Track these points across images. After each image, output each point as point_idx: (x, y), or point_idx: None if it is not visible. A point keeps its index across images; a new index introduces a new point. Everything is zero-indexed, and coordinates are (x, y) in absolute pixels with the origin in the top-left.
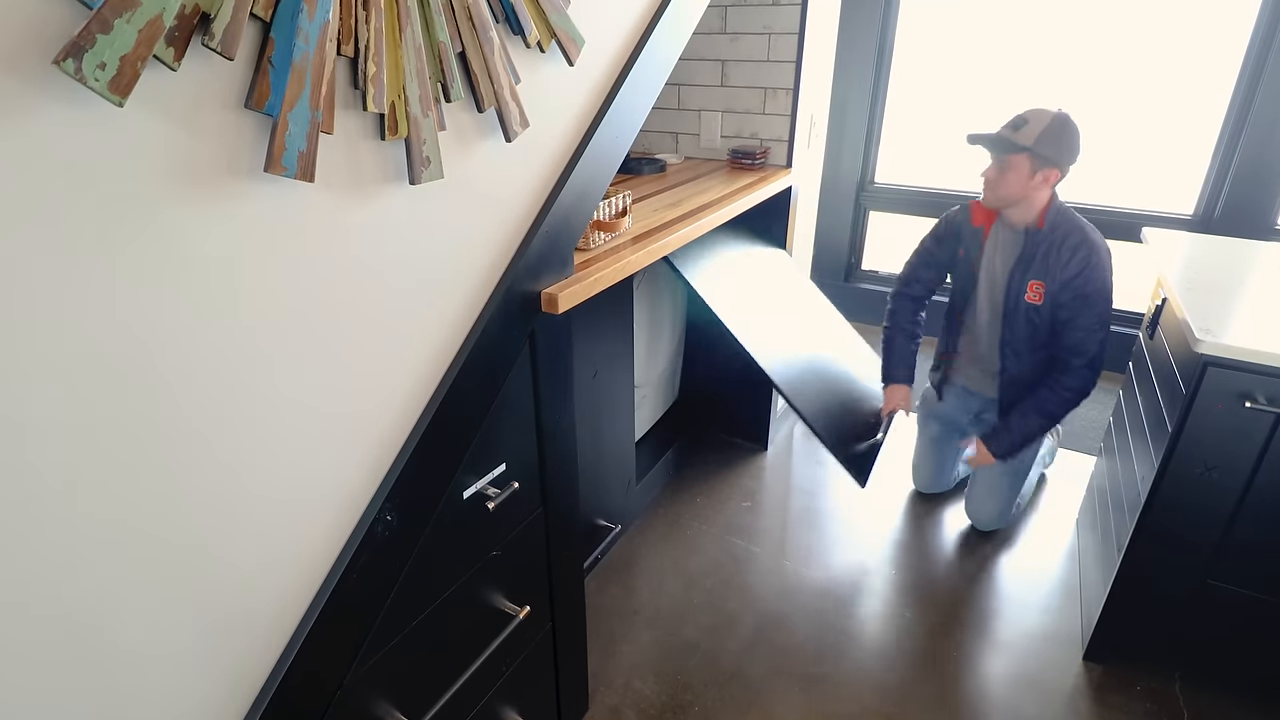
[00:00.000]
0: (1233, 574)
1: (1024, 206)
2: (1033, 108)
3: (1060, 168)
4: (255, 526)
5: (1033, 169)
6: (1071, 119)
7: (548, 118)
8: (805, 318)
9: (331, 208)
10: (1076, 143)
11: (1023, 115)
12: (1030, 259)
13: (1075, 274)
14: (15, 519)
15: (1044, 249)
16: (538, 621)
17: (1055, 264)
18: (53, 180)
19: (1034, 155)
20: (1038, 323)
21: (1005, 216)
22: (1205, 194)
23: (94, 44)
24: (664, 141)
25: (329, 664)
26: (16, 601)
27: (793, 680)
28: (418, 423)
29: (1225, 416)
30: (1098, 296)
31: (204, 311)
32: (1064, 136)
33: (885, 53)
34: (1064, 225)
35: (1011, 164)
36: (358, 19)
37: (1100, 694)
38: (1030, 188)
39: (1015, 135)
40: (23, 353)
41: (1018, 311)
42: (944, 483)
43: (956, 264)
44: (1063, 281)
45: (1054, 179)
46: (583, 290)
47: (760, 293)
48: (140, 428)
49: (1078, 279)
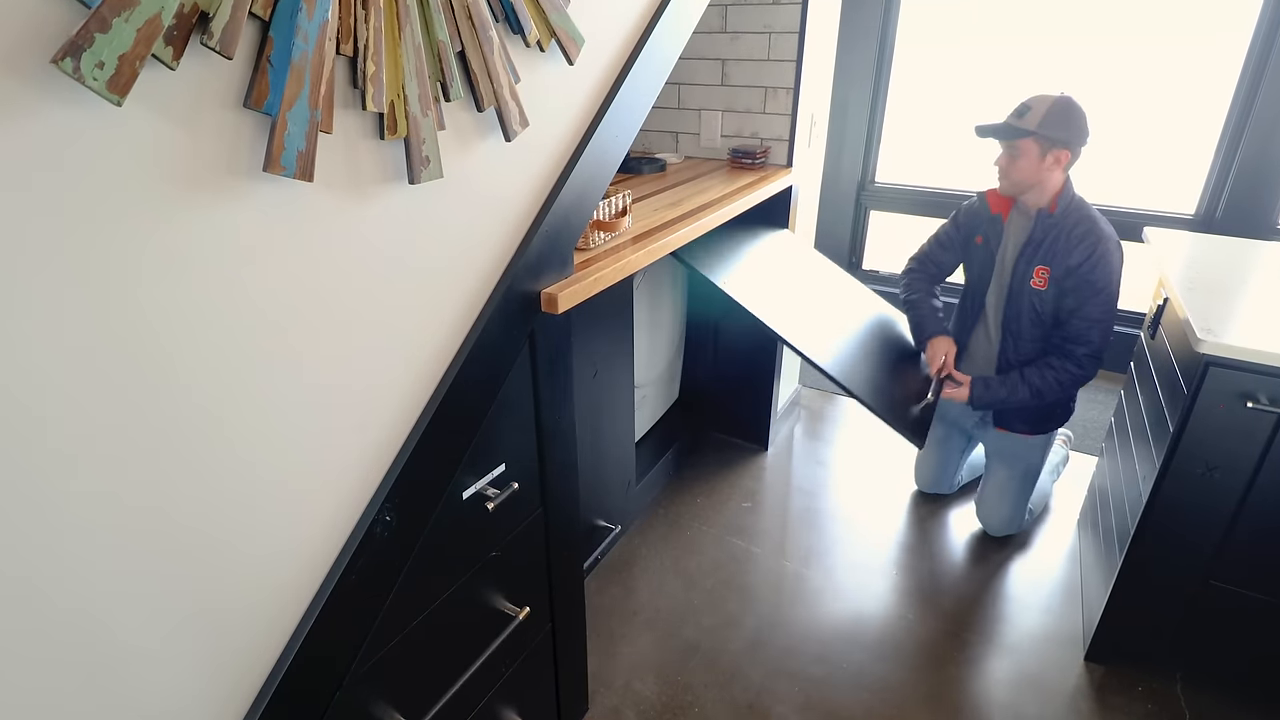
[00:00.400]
0: (1234, 574)
1: (1038, 191)
2: (1035, 95)
3: (1070, 148)
4: (254, 525)
5: (1042, 152)
6: (1075, 100)
7: (547, 117)
8: (828, 293)
9: (331, 207)
10: (1083, 123)
11: (1026, 102)
12: (1039, 242)
13: (1080, 261)
14: (13, 515)
15: (1053, 234)
16: (537, 622)
17: (1062, 250)
18: (50, 180)
19: (1040, 138)
20: (1040, 310)
21: (1020, 202)
22: (1207, 193)
23: (92, 43)
24: (664, 141)
25: (328, 664)
26: (14, 597)
27: (794, 681)
28: (417, 422)
29: (1227, 416)
30: (1103, 287)
31: (203, 311)
32: (1069, 117)
33: (886, 52)
34: (1076, 213)
35: (1021, 149)
36: (357, 18)
37: (1101, 695)
38: (1043, 171)
39: (1020, 121)
40: (21, 349)
41: (1022, 295)
42: (947, 484)
43: (973, 252)
44: (1068, 268)
45: (1064, 160)
46: (583, 290)
47: (779, 278)
48: (139, 426)
49: (1083, 266)
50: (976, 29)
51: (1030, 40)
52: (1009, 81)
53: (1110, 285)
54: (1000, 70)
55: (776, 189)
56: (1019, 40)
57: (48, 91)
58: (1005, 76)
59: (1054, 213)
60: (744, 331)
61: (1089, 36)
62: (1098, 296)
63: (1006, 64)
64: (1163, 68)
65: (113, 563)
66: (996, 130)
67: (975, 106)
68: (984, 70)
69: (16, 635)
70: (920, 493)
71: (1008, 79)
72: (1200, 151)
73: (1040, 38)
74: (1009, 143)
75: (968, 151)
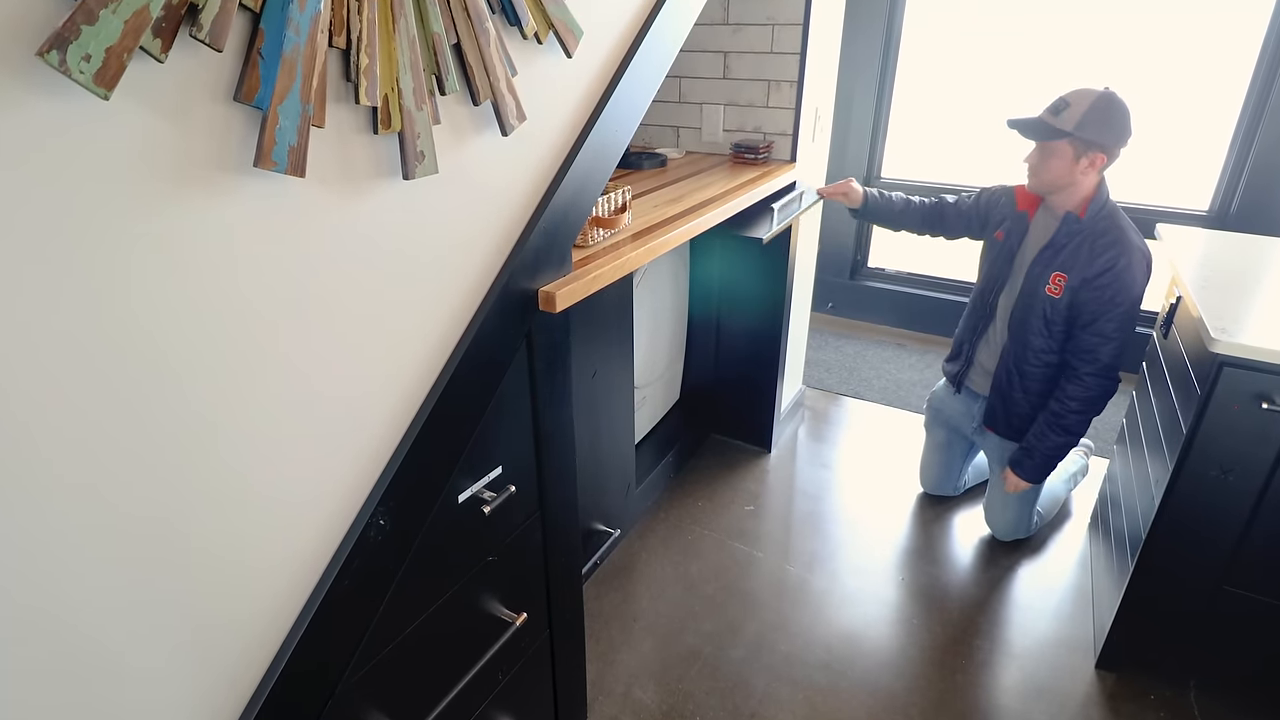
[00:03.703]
0: (1249, 580)
1: (1068, 193)
2: (1076, 88)
3: (1107, 151)
4: (243, 528)
5: (1077, 154)
6: (1118, 97)
7: (545, 111)
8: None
9: (323, 204)
10: (1125, 123)
11: (1064, 98)
12: (1061, 247)
13: (1100, 272)
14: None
15: (1077, 240)
16: (535, 628)
17: (1084, 259)
18: (37, 175)
19: (1077, 140)
20: (1050, 318)
21: (1048, 202)
22: (1221, 189)
23: (79, 35)
24: (664, 135)
25: (320, 672)
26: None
27: (797, 689)
28: (411, 424)
29: (1241, 418)
30: (1121, 302)
31: (192, 310)
32: (1110, 117)
33: (892, 43)
34: (1105, 221)
35: (1054, 150)
36: (350, 10)
37: (1113, 703)
38: (1076, 173)
39: (1056, 120)
40: (7, 350)
41: (1034, 300)
42: (951, 486)
43: (991, 246)
44: (1085, 278)
45: (1100, 163)
46: (581, 288)
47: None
48: (127, 427)
49: (1102, 278)
50: (986, 17)
51: (1042, 30)
52: (1020, 73)
53: (1129, 301)
54: (1011, 61)
55: (780, 185)
56: (1030, 29)
57: (33, 85)
58: (1016, 68)
59: (1083, 218)
60: (747, 330)
61: (1102, 26)
62: (1113, 311)
63: (1017, 55)
64: (1177, 60)
65: (92, 572)
66: (1030, 126)
67: (983, 97)
68: (993, 60)
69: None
70: (927, 495)
71: (1019, 70)
72: (1214, 146)
73: (1052, 27)
74: (1042, 142)
75: (977, 144)
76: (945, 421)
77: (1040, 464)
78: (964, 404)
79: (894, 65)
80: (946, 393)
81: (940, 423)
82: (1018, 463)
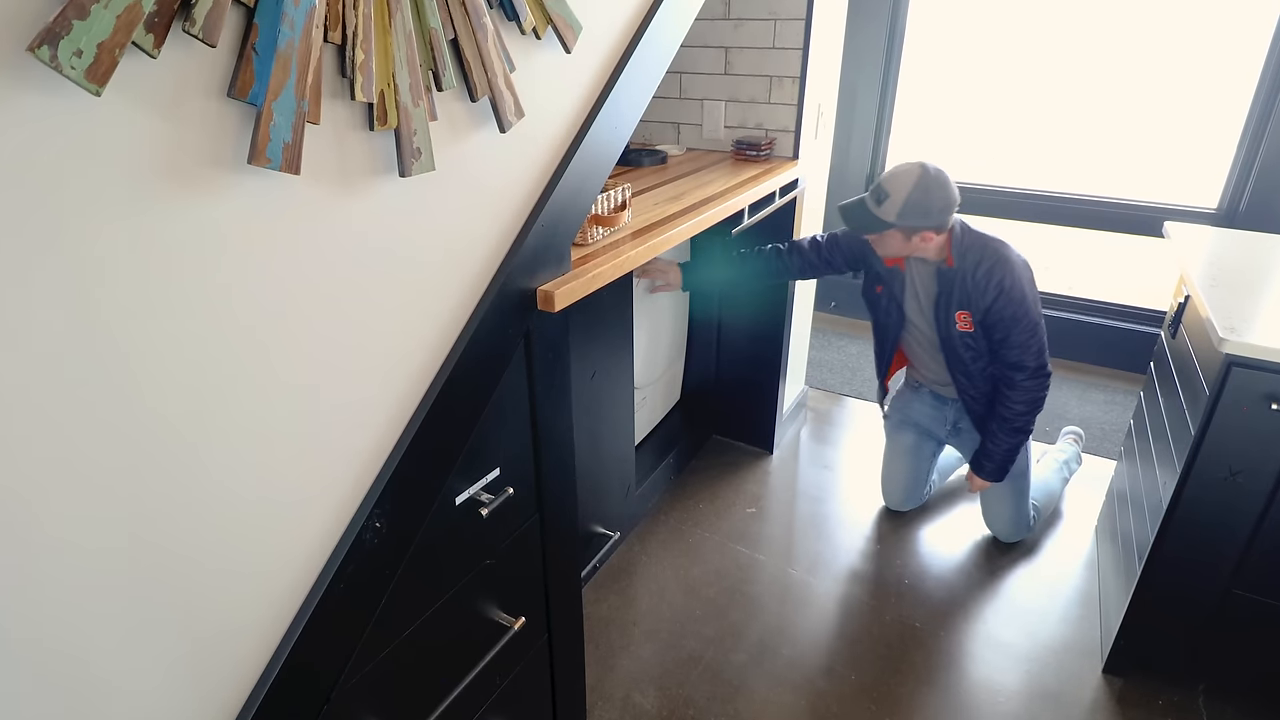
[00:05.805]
0: (1259, 583)
1: (923, 251)
2: (892, 170)
3: (936, 228)
4: (238, 532)
5: (906, 236)
6: (932, 172)
7: (544, 107)
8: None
9: (318, 201)
10: (946, 197)
11: (883, 185)
12: (950, 293)
13: (994, 299)
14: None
15: (959, 281)
16: (533, 633)
17: (975, 293)
18: (27, 172)
19: (902, 228)
20: (976, 347)
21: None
22: (1230, 187)
23: (70, 30)
24: (665, 132)
25: (315, 678)
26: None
27: (799, 694)
28: (408, 425)
29: (1251, 419)
30: (1022, 315)
31: (185, 309)
32: (928, 201)
33: (896, 38)
34: (973, 253)
35: (885, 235)
36: (345, 4)
37: (1121, 708)
38: (916, 245)
39: (879, 210)
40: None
41: (952, 340)
42: (918, 497)
43: (874, 297)
44: (983, 308)
45: (932, 237)
46: (580, 287)
47: None
48: (117, 430)
49: (997, 302)
50: (992, 13)
51: (1049, 27)
52: (1026, 68)
53: (1027, 311)
54: (1017, 57)
55: (782, 182)
56: (1037, 26)
57: (23, 81)
58: (1022, 63)
59: (952, 265)
60: (748, 330)
61: (1111, 24)
62: (1019, 324)
63: (1023, 50)
64: (1185, 57)
65: (81, 580)
66: (856, 218)
67: (990, 92)
68: (999, 57)
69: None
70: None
71: (1025, 66)
72: (1223, 143)
73: (1060, 25)
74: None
75: (983, 140)
76: (913, 423)
77: (1000, 464)
78: (931, 408)
79: (898, 60)
80: (910, 393)
81: (909, 425)
82: (979, 466)
